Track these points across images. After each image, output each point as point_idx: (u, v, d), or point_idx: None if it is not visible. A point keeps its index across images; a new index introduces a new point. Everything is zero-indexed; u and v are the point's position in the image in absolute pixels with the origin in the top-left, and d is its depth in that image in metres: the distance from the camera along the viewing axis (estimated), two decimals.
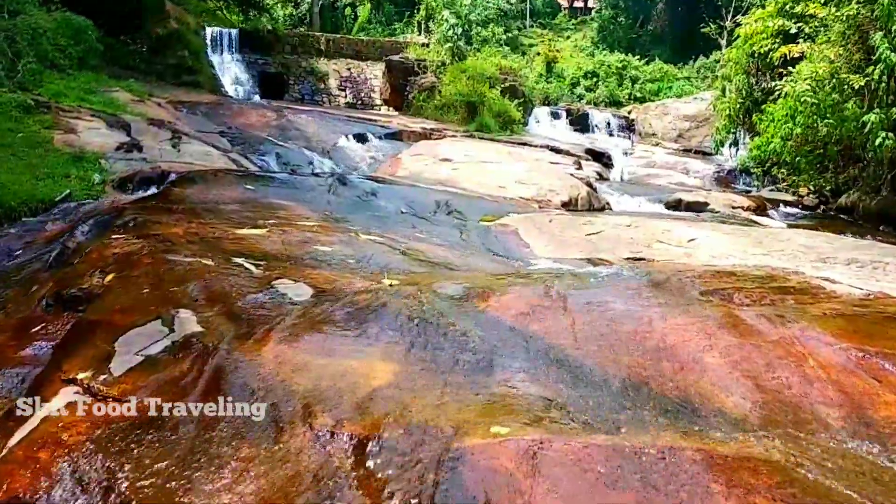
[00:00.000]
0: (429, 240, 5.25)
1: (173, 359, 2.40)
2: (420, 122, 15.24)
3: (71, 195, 6.18)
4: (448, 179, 9.85)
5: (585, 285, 3.79)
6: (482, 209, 7.14)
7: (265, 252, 3.91)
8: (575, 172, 12.66)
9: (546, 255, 5.25)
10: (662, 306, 3.48)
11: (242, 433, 2.03)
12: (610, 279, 4.04)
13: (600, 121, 23.26)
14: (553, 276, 4.19)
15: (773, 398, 2.68)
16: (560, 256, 5.22)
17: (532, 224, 6.00)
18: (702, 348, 3.05)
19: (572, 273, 4.42)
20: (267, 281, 3.33)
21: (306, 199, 6.31)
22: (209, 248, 3.81)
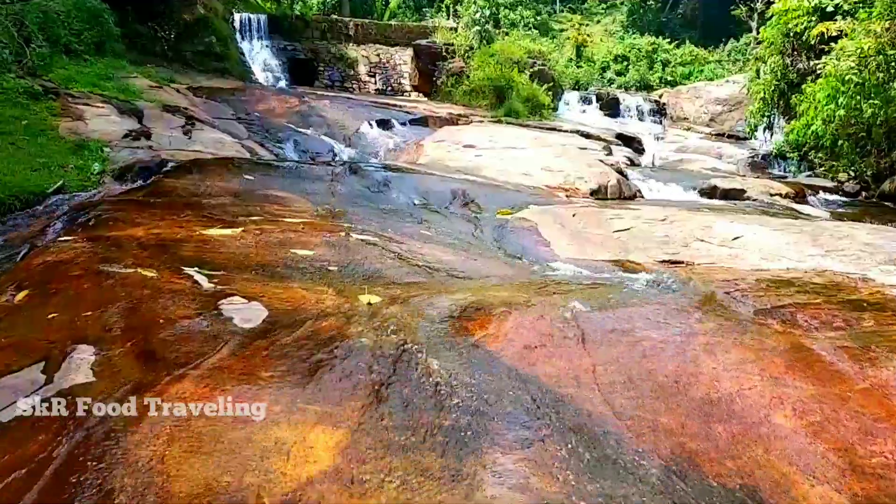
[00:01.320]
0: (435, 238, 4.42)
1: (28, 430, 1.64)
2: (447, 108, 14.30)
3: (64, 186, 5.53)
4: (470, 167, 8.96)
5: (610, 303, 2.90)
6: (502, 200, 6.25)
7: (228, 258, 3.14)
8: (604, 158, 11.59)
9: (567, 256, 4.36)
10: (709, 335, 2.59)
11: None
12: (641, 293, 3.15)
13: (631, 105, 21.94)
14: (572, 288, 3.31)
15: (880, 489, 1.79)
16: (583, 258, 4.32)
17: (553, 218, 5.10)
18: (767, 402, 2.16)
19: (596, 282, 3.53)
20: (214, 300, 2.55)
21: (309, 191, 5.53)
22: (162, 254, 3.05)
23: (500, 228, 4.96)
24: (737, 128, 19.44)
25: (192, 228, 3.60)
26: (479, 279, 3.50)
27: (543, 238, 4.73)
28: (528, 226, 5.01)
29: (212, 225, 3.73)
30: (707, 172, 14.93)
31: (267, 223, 3.91)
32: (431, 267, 3.58)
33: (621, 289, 3.33)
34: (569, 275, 3.84)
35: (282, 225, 3.91)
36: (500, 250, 4.42)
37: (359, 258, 3.47)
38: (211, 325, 2.34)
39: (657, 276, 3.61)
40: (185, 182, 5.23)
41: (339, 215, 4.66)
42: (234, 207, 4.40)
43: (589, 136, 14.79)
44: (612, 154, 13.02)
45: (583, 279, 3.65)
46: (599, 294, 3.14)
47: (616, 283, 3.51)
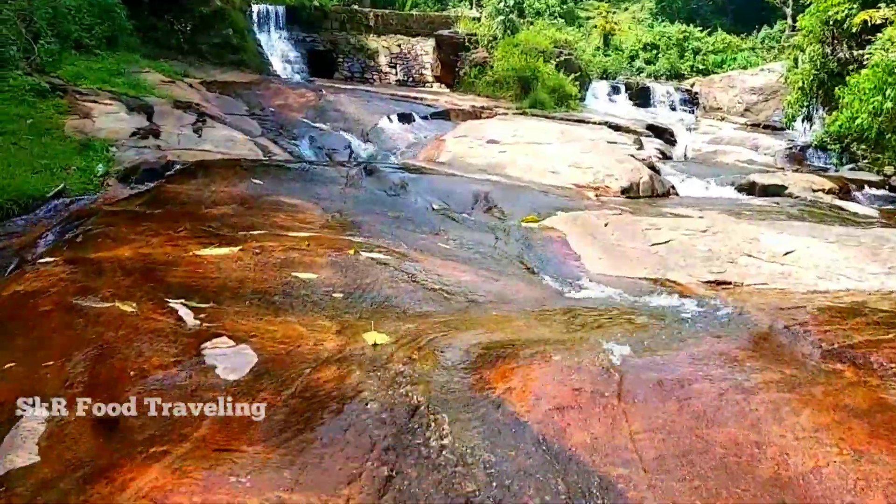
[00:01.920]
0: (453, 252, 4.06)
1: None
2: (470, 100, 13.88)
3: (65, 190, 5.31)
4: (493, 164, 8.56)
5: (652, 343, 2.52)
6: (527, 204, 5.86)
7: (221, 285, 2.83)
8: (636, 153, 11.08)
9: (600, 272, 3.97)
10: (773, 388, 2.20)
11: None
12: (688, 328, 2.76)
13: (662, 95, 21.22)
14: (607, 318, 2.94)
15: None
16: (618, 275, 3.93)
17: (584, 228, 4.71)
18: (851, 485, 1.77)
19: (634, 311, 3.15)
20: (197, 342, 2.24)
21: (320, 196, 5.22)
22: (147, 281, 2.75)
23: (526, 239, 4.59)
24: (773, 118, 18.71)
25: (185, 247, 3.30)
26: (503, 305, 3.14)
27: (573, 251, 4.34)
28: (556, 236, 4.63)
29: (208, 242, 3.42)
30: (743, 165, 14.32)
31: (269, 238, 3.60)
32: (449, 291, 3.23)
33: (663, 320, 2.94)
34: (602, 298, 3.45)
35: (285, 240, 3.59)
36: (524, 266, 4.05)
37: (367, 282, 3.14)
38: (189, 378, 2.03)
39: (704, 302, 3.20)
40: (188, 187, 4.95)
41: (350, 226, 4.33)
42: (236, 218, 4.09)
43: (618, 127, 14.26)
44: (643, 147, 12.48)
45: (618, 305, 3.27)
46: (639, 328, 2.76)
47: (657, 312, 3.12)
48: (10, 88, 6.86)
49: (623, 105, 19.91)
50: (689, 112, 20.57)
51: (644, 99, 20.66)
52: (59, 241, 3.48)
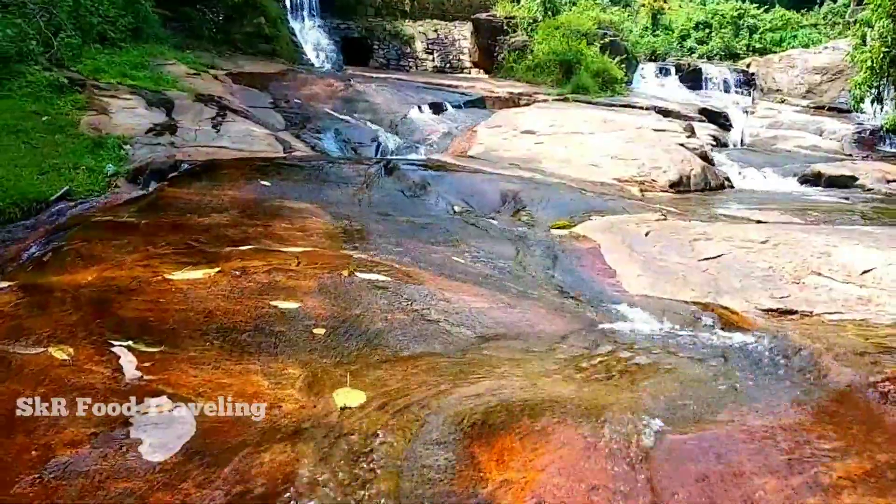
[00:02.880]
0: (468, 268, 3.56)
1: None
2: (508, 86, 13.23)
3: (70, 192, 5.05)
4: (528, 157, 7.99)
5: (698, 411, 1.98)
6: (560, 205, 5.30)
7: (184, 319, 2.42)
8: (686, 141, 10.27)
9: (639, 293, 3.41)
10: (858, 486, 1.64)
11: None
12: (743, 384, 2.19)
13: (715, 76, 19.99)
14: (644, 362, 2.40)
15: None
16: (660, 296, 3.36)
17: (621, 237, 4.12)
18: None
19: (677, 351, 2.59)
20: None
21: (331, 199, 4.80)
22: (97, 315, 2.38)
23: (554, 250, 4.04)
24: (839, 100, 17.39)
25: (158, 268, 2.92)
26: (517, 342, 2.64)
27: (608, 266, 3.78)
28: (589, 247, 4.06)
29: (187, 261, 3.03)
30: (806, 152, 13.26)
31: (257, 256, 3.19)
32: (454, 322, 2.75)
33: (713, 367, 2.38)
34: (641, 331, 2.90)
35: (275, 258, 3.17)
36: (551, 284, 3.52)
37: (357, 312, 2.68)
38: (102, 460, 1.62)
39: (764, 341, 2.62)
40: (190, 191, 4.61)
41: (356, 236, 3.88)
42: (230, 229, 3.70)
43: (667, 113, 13.38)
44: (694, 134, 11.59)
45: (658, 342, 2.71)
46: (681, 381, 2.22)
47: (706, 354, 2.55)
48: (27, 84, 6.70)
49: (673, 88, 18.86)
50: (745, 94, 19.31)
51: (695, 81, 19.52)
52: (30, 259, 3.16)
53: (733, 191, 8.99)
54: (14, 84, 6.65)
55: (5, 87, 6.68)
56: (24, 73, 6.75)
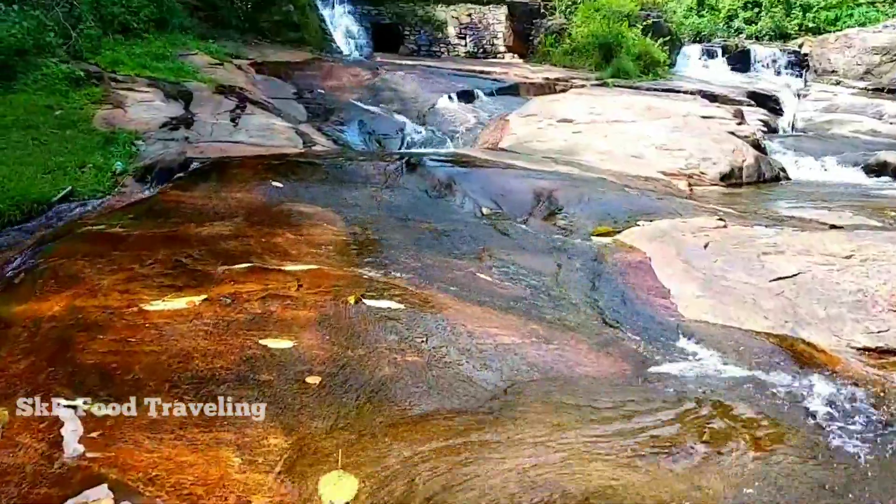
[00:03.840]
0: (497, 289, 3.08)
1: None
2: (544, 71, 12.56)
3: (73, 193, 4.74)
4: (565, 149, 7.40)
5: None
6: (601, 205, 4.74)
7: (152, 366, 2.01)
8: (737, 129, 9.49)
9: (699, 320, 2.87)
10: None
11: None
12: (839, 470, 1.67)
13: (764, 57, 18.80)
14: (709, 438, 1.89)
15: None
16: (725, 324, 2.81)
17: (675, 249, 3.56)
18: None
19: (749, 408, 2.06)
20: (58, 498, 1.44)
21: (347, 202, 4.36)
22: (53, 360, 1.99)
23: (596, 264, 3.51)
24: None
25: (137, 294, 2.52)
26: (554, 394, 2.15)
27: (660, 284, 3.24)
28: (637, 260, 3.52)
29: (170, 286, 2.63)
30: (866, 138, 12.25)
31: (253, 277, 2.77)
32: (476, 364, 2.28)
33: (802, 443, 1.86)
34: (707, 374, 2.37)
35: (273, 280, 2.74)
36: (593, 308, 3.01)
37: (361, 353, 2.23)
38: None
39: (864, 399, 2.07)
40: (194, 194, 4.23)
41: (369, 248, 3.43)
42: (230, 242, 3.29)
43: (714, 97, 12.52)
44: (744, 121, 10.74)
45: (735, 395, 2.18)
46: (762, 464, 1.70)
47: (789, 417, 2.02)
48: (43, 77, 6.45)
49: (719, 70, 17.82)
50: (797, 76, 18.11)
51: (743, 63, 18.40)
52: (2, 280, 2.81)
53: (790, 183, 8.23)
54: (29, 78, 6.40)
55: (21, 80, 6.44)
56: (39, 66, 6.49)
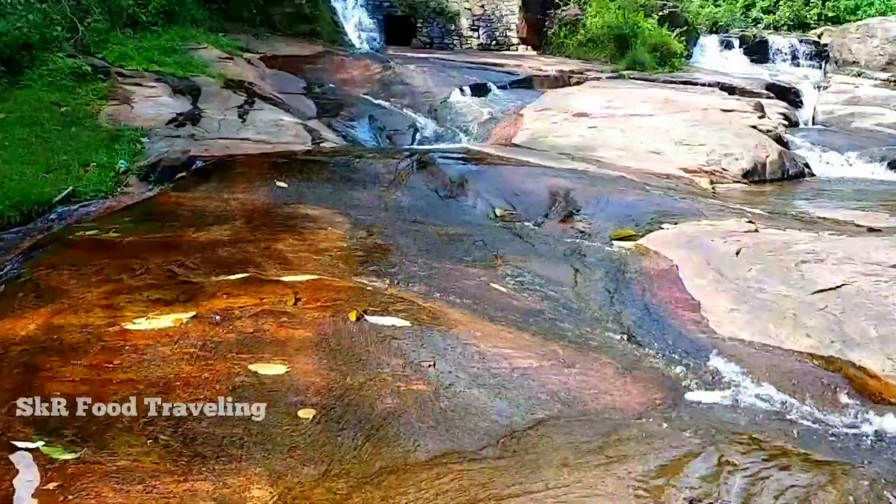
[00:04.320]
0: (511, 302, 2.81)
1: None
2: (558, 64, 12.19)
3: (74, 194, 4.53)
4: (581, 145, 7.08)
5: None
6: (621, 206, 4.44)
7: (127, 399, 1.78)
8: (758, 123, 9.10)
9: (735, 338, 2.59)
10: None
11: None
12: None
13: (783, 48, 18.21)
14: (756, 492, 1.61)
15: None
16: (763, 343, 2.53)
17: (703, 257, 3.26)
18: None
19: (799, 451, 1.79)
20: None
21: (354, 202, 4.10)
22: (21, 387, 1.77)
23: (619, 272, 3.23)
24: None
25: (120, 310, 2.29)
26: (576, 432, 1.89)
27: (689, 295, 2.95)
28: (663, 268, 3.23)
29: (158, 300, 2.40)
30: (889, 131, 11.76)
31: (249, 289, 2.52)
32: (490, 392, 2.02)
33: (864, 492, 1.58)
34: (747, 405, 2.10)
35: (269, 293, 2.50)
36: (617, 324, 2.73)
37: (361, 380, 1.98)
38: None
39: None
40: (195, 195, 4.00)
41: (375, 254, 3.18)
42: (227, 248, 3.05)
43: (732, 90, 12.06)
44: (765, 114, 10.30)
45: (783, 432, 1.91)
46: None
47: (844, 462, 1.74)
48: (49, 73, 6.24)
49: (737, 61, 17.29)
50: (817, 67, 17.54)
51: (761, 54, 17.83)
52: None
53: (815, 180, 7.85)
54: (35, 73, 6.21)
55: (27, 76, 6.25)
56: (46, 61, 6.29)
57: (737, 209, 4.67)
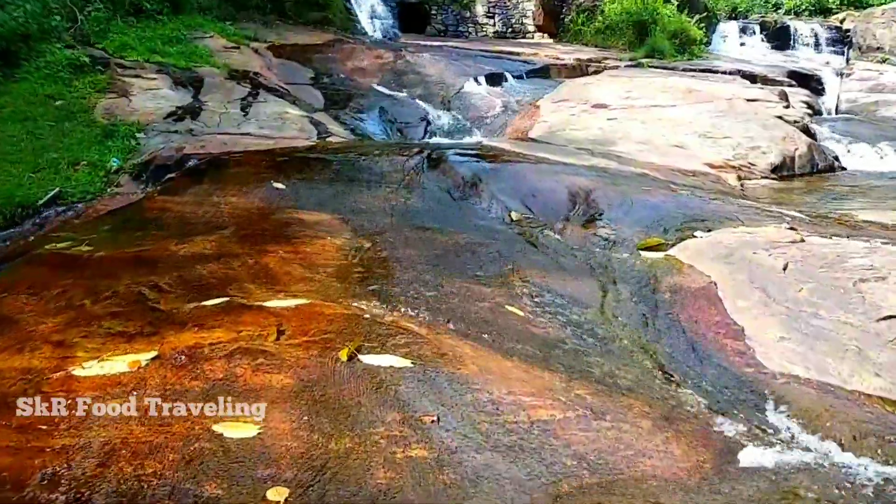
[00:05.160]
0: (529, 328, 2.40)
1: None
2: (575, 52, 11.62)
3: (61, 195, 4.19)
4: (601, 138, 6.60)
5: None
6: (647, 210, 3.99)
7: (56, 475, 1.41)
8: (784, 113, 8.52)
9: (787, 373, 2.16)
10: None
11: None
12: None
13: (804, 34, 17.40)
14: None
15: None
16: (823, 381, 2.11)
17: (745, 273, 2.82)
18: None
19: None
20: None
21: (357, 206, 3.70)
22: None
23: (648, 291, 2.80)
24: None
25: (71, 349, 1.93)
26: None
27: (731, 319, 2.52)
28: (699, 286, 2.80)
29: (118, 333, 2.03)
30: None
31: (225, 320, 2.14)
32: (504, 457, 1.62)
33: None
34: (816, 471, 1.68)
35: (249, 323, 2.12)
36: (650, 357, 2.31)
37: (348, 445, 1.60)
38: None
39: None
40: (185, 198, 3.62)
41: (376, 271, 2.78)
42: (210, 265, 2.67)
43: (754, 78, 11.44)
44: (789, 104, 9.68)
45: None
46: None
47: None
48: (45, 65, 5.88)
49: (757, 48, 16.57)
50: (839, 54, 16.72)
51: (782, 40, 17.06)
52: None
53: (846, 174, 7.30)
54: (32, 65, 5.85)
55: (24, 68, 5.90)
56: (43, 52, 5.94)
57: (773, 212, 4.19)
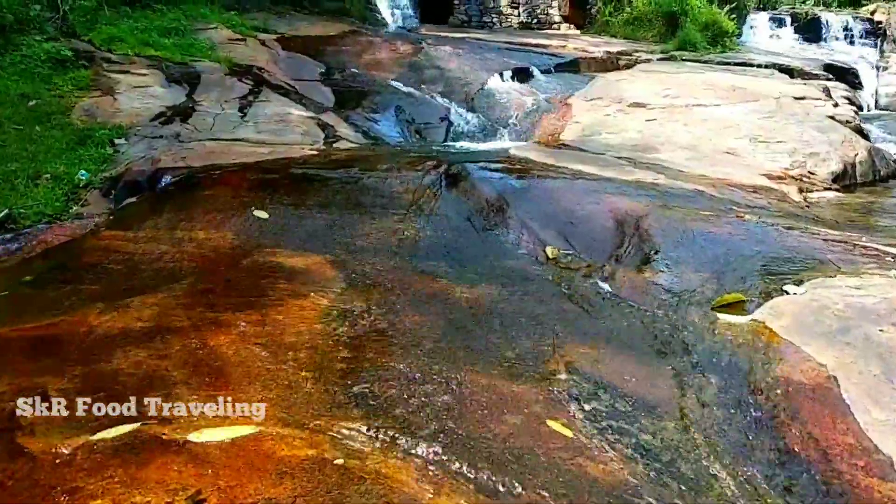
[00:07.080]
0: (581, 461, 1.53)
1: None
2: (603, 44, 10.54)
3: (11, 218, 3.38)
4: (641, 143, 5.62)
5: None
6: (714, 248, 3.04)
7: None
8: (836, 112, 7.41)
9: None
10: None
11: None
12: None
13: (836, 26, 15.92)
14: None
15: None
16: None
17: (875, 362, 1.89)
18: None
19: None
20: None
21: (357, 241, 2.83)
22: None
23: (744, 390, 1.90)
24: None
25: None
26: None
27: (868, 441, 1.62)
28: (812, 382, 1.88)
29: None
30: None
31: (115, 476, 1.31)
32: None
33: None
34: None
35: (151, 485, 1.28)
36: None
37: None
38: None
39: None
40: (140, 234, 2.78)
41: (368, 356, 1.92)
42: (135, 352, 1.84)
43: (791, 72, 10.21)
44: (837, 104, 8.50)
45: None
46: None
47: None
48: (21, 59, 5.10)
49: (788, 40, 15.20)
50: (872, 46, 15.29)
51: (814, 33, 15.62)
52: None
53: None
54: (6, 59, 5.06)
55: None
56: (19, 45, 5.15)
57: (869, 248, 3.22)
